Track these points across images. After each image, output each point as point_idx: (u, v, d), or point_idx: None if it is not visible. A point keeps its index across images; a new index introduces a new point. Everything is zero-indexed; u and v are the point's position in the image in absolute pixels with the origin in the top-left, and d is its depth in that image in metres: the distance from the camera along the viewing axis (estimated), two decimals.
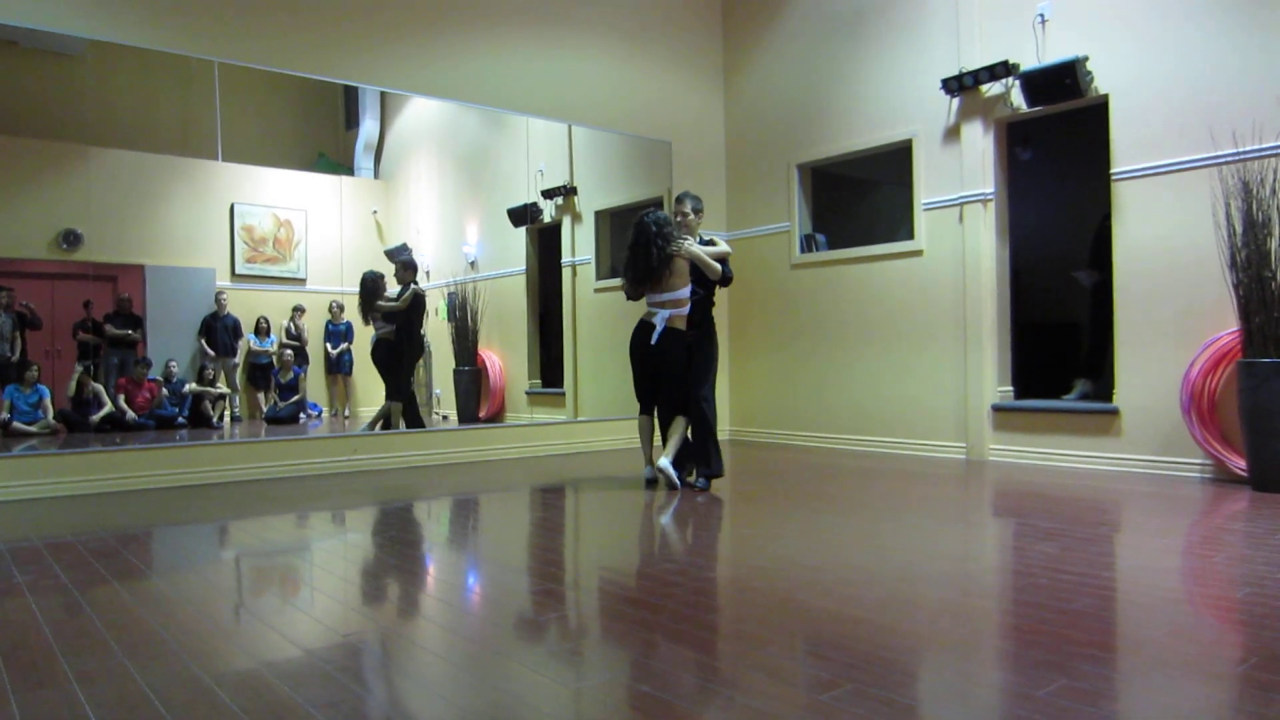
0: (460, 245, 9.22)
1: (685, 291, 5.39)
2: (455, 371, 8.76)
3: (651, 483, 5.62)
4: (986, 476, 6.06)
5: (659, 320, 5.34)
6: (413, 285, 7.85)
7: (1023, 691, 2.13)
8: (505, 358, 9.01)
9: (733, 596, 3.18)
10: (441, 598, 3.30)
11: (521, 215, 8.68)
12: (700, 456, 5.55)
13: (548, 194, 8.62)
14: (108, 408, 7.47)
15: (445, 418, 8.93)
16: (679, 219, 5.54)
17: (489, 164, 9.16)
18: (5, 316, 7.04)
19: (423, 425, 7.72)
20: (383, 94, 8.64)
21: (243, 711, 2.06)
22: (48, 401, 7.19)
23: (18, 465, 5.60)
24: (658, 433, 5.69)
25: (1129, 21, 6.00)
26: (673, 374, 5.43)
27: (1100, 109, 6.22)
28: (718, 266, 5.47)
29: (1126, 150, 6.02)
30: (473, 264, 9.06)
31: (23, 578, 3.43)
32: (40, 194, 7.34)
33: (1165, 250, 5.85)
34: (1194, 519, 4.52)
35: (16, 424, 6.98)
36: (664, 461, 5.44)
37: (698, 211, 5.64)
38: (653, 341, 5.36)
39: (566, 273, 8.71)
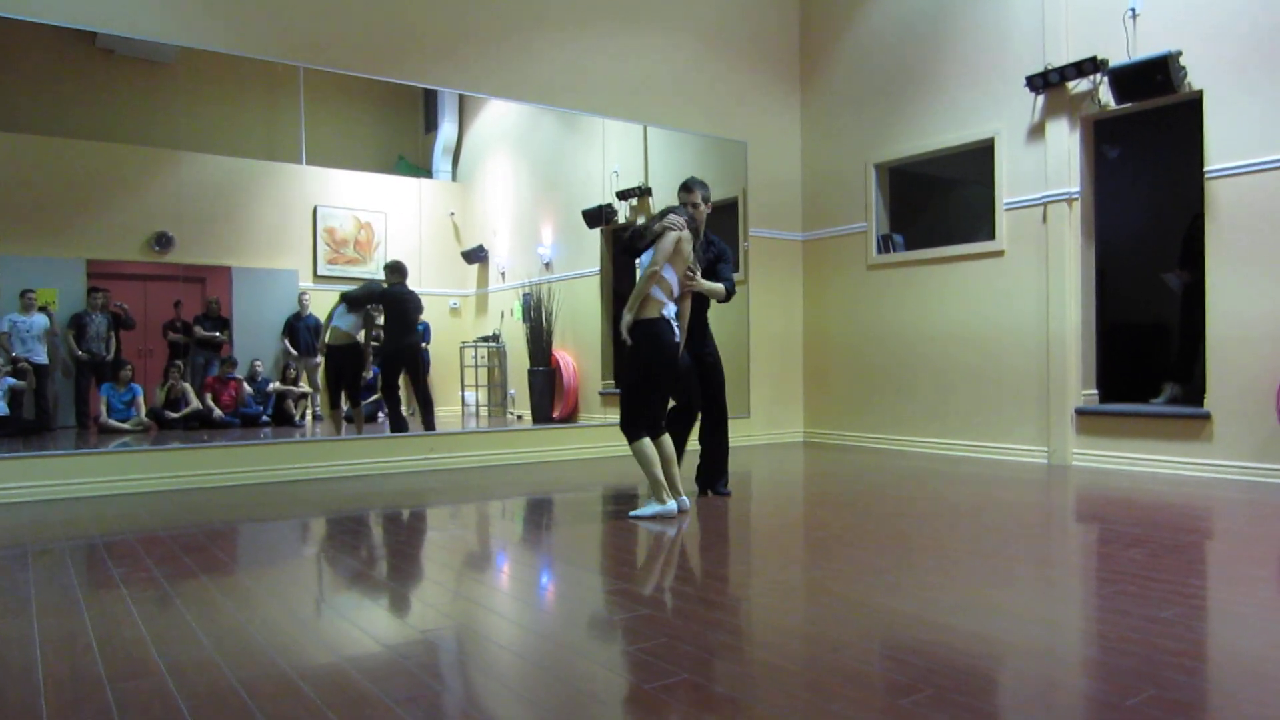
0: (535, 247, 9.31)
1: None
2: (530, 371, 8.85)
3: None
4: (1070, 481, 5.90)
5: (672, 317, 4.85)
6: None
7: (1109, 700, 2.06)
8: (579, 358, 9.06)
9: (808, 599, 3.14)
10: (517, 596, 3.33)
11: (596, 217, 8.72)
12: None
13: (622, 195, 8.65)
14: (194, 405, 7.72)
15: (520, 417, 9.03)
16: (690, 209, 4.86)
17: (564, 166, 9.23)
18: (101, 317, 7.33)
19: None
20: (461, 97, 8.77)
21: (326, 705, 2.11)
22: (140, 400, 7.47)
23: (112, 461, 5.83)
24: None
25: (1224, 14, 5.78)
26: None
27: (1193, 105, 6.01)
28: (720, 288, 5.08)
29: (1221, 148, 5.80)
30: (547, 265, 9.14)
31: (117, 570, 3.56)
32: (134, 198, 7.63)
33: (1261, 251, 5.63)
34: None
35: (111, 421, 7.26)
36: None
37: (706, 200, 4.99)
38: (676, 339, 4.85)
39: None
